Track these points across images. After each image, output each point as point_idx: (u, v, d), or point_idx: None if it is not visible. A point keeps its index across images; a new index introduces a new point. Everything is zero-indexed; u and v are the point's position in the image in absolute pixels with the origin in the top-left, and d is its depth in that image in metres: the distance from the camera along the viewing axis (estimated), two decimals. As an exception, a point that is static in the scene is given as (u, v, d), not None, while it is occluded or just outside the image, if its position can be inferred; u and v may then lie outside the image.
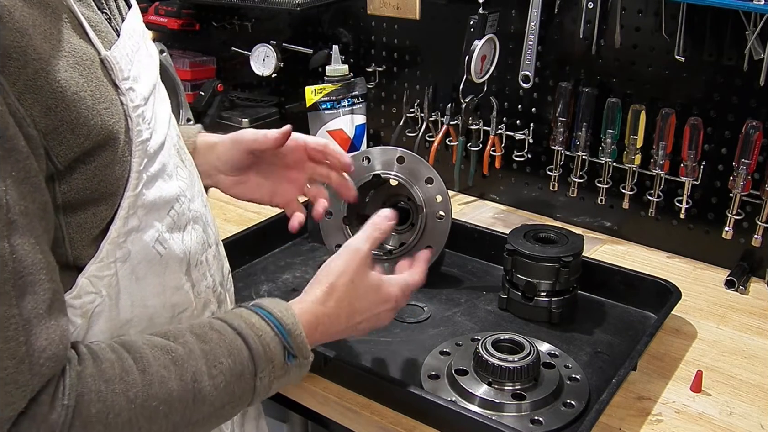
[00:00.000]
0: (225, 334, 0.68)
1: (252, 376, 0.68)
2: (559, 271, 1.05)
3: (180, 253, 0.73)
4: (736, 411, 0.91)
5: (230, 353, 0.67)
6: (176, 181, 0.74)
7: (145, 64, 0.71)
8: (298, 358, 0.72)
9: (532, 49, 1.32)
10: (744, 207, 1.19)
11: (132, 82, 0.66)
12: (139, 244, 0.68)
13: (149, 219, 0.69)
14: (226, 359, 0.66)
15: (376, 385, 0.90)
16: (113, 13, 0.71)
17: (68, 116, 0.58)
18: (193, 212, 0.77)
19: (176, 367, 0.63)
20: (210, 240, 0.82)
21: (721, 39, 1.15)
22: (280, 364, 0.70)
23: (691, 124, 1.19)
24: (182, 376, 0.63)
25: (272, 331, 0.70)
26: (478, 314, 1.11)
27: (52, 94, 0.56)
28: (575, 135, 1.32)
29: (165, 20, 1.84)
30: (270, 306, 0.73)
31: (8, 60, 0.53)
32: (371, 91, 1.61)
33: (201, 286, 0.77)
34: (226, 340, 0.67)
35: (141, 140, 0.66)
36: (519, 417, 0.86)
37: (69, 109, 0.58)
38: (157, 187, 0.70)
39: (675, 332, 1.07)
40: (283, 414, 1.11)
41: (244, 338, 0.68)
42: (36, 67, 0.55)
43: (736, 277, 1.19)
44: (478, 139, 1.49)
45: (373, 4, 1.51)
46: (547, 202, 1.44)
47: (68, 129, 0.58)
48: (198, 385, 0.64)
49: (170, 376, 0.63)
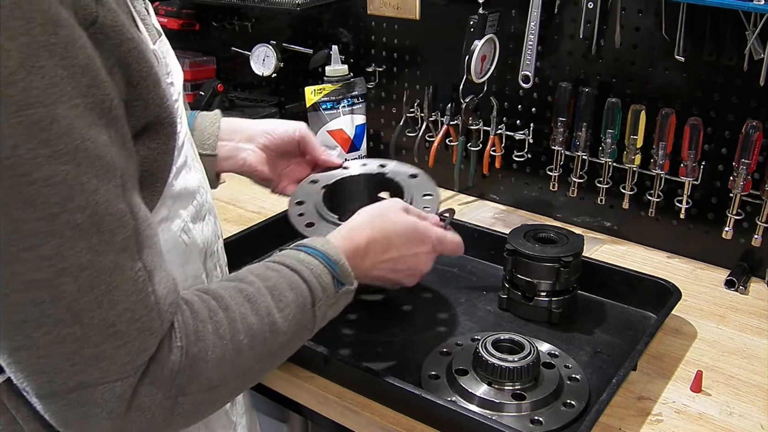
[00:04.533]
0: (282, 272, 0.72)
1: (311, 306, 0.73)
2: (559, 271, 1.05)
3: (201, 243, 0.76)
4: (736, 411, 0.91)
5: (291, 287, 0.71)
6: (195, 172, 0.77)
7: (174, 60, 0.75)
8: (345, 284, 0.77)
9: (532, 49, 1.32)
10: (744, 207, 1.19)
11: (172, 77, 0.71)
12: (168, 233, 0.70)
13: (176, 209, 0.72)
14: (289, 293, 0.71)
15: (376, 385, 0.90)
16: (148, 10, 0.74)
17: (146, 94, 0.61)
18: (208, 204, 0.80)
19: (250, 303, 0.67)
20: (218, 231, 0.85)
21: (721, 39, 1.15)
22: (332, 292, 0.75)
23: (691, 124, 1.19)
24: (258, 311, 0.67)
25: (320, 263, 0.75)
26: (478, 314, 1.11)
27: (138, 72, 0.60)
28: (575, 135, 1.32)
29: (165, 20, 1.84)
30: (312, 243, 0.77)
31: (106, 38, 0.56)
32: (371, 91, 1.61)
33: (213, 276, 0.81)
34: (285, 276, 0.72)
35: (177, 132, 0.69)
36: (519, 417, 0.86)
37: (148, 89, 0.61)
38: (183, 178, 0.73)
39: (675, 332, 1.07)
40: (283, 414, 1.11)
41: (299, 273, 0.73)
42: (129, 47, 0.58)
43: (736, 277, 1.19)
44: (478, 139, 1.49)
45: (373, 4, 1.51)
46: (547, 202, 1.44)
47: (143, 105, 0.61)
48: (271, 317, 0.68)
49: (248, 312, 0.67)
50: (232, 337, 0.64)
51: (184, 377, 0.61)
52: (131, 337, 0.57)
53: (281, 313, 0.69)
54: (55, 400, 0.56)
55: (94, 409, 0.57)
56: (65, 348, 0.55)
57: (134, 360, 0.57)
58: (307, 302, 0.72)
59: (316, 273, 0.74)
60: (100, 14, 0.55)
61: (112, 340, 0.56)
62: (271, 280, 0.70)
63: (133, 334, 0.57)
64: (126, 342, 0.56)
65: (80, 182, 0.52)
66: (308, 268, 0.73)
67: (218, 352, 0.63)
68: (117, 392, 0.57)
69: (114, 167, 0.55)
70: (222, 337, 0.64)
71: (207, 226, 0.79)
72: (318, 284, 0.73)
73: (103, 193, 0.54)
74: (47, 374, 0.55)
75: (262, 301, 0.68)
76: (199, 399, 0.63)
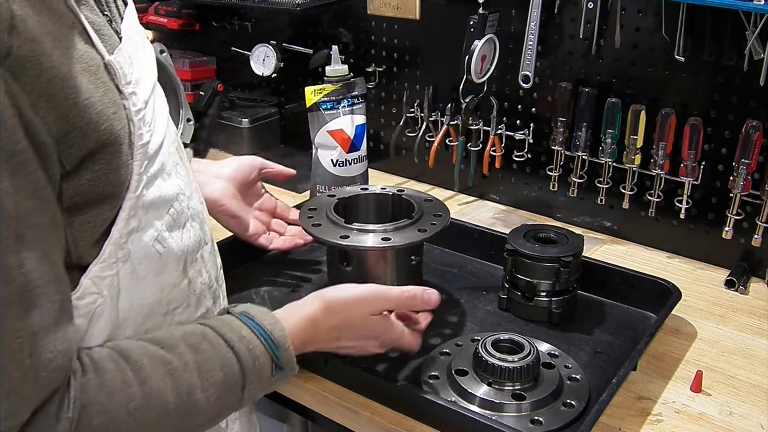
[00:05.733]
0: (218, 347, 0.69)
1: (241, 389, 0.70)
2: (559, 271, 1.05)
3: (178, 251, 0.73)
4: (736, 411, 0.91)
5: (222, 366, 0.68)
6: (175, 179, 0.74)
7: (143, 64, 0.72)
8: (284, 370, 0.73)
9: (532, 49, 1.32)
10: (744, 207, 1.19)
11: (134, 86, 0.67)
12: (138, 244, 0.68)
13: (149, 218, 0.69)
14: (218, 372, 0.68)
15: (376, 385, 0.90)
16: (113, 15, 0.71)
17: (80, 122, 0.58)
18: (192, 209, 0.78)
19: (172, 379, 0.64)
20: (206, 237, 0.82)
21: (721, 39, 1.15)
22: (267, 377, 0.72)
23: (691, 124, 1.19)
24: (178, 389, 0.64)
25: (262, 344, 0.72)
26: (478, 314, 1.11)
27: (65, 101, 0.57)
28: (575, 135, 1.32)
29: (165, 20, 1.84)
30: (261, 318, 0.74)
31: (24, 70, 0.53)
32: (371, 91, 1.61)
33: (197, 283, 0.78)
34: (219, 353, 0.69)
35: (142, 143, 0.66)
36: (519, 417, 0.86)
37: (81, 115, 0.58)
38: (157, 186, 0.70)
39: (675, 332, 1.07)
40: (283, 414, 1.11)
41: (236, 352, 0.70)
42: (50, 75, 0.55)
43: (736, 277, 1.19)
44: (478, 139, 1.49)
45: (373, 4, 1.51)
46: (547, 202, 1.44)
47: (79, 134, 0.58)
48: (192, 397, 0.65)
49: (167, 389, 0.63)
50: (143, 414, 0.61)
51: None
52: (2, 396, 0.53)
53: (205, 393, 0.66)
54: None
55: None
56: None
57: (4, 421, 0.54)
58: (237, 384, 0.69)
59: (254, 355, 0.71)
60: (14, 45, 0.52)
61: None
62: (204, 354, 0.67)
63: (1, 396, 0.53)
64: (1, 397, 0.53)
65: None
66: (247, 347, 0.70)
67: (124, 428, 0.60)
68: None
69: (9, 218, 0.52)
70: (131, 413, 0.60)
71: (188, 233, 0.76)
72: (253, 367, 0.70)
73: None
74: None
75: (186, 379, 0.65)
76: None
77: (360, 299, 0.84)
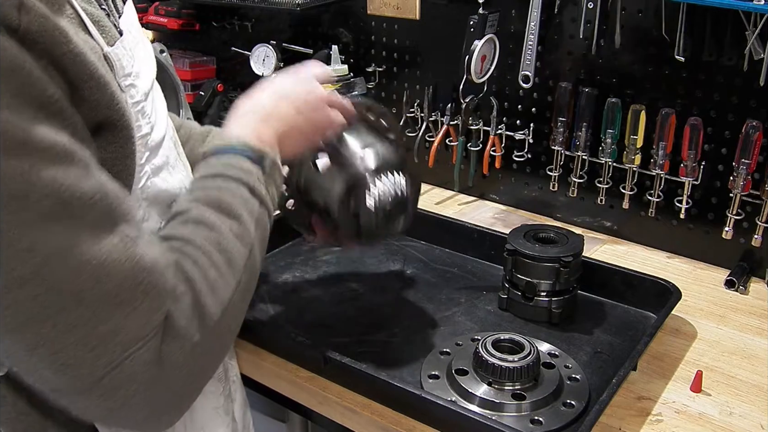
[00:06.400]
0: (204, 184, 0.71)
1: (251, 193, 0.71)
2: (559, 271, 1.05)
3: None
4: (736, 411, 0.91)
5: (222, 191, 0.70)
6: (178, 173, 0.76)
7: (143, 58, 0.73)
8: (265, 157, 0.74)
9: (532, 49, 1.32)
10: (744, 207, 1.19)
11: (133, 78, 0.68)
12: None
13: (151, 211, 0.71)
14: (225, 196, 0.69)
15: (376, 385, 0.90)
16: (111, 9, 0.72)
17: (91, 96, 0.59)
18: None
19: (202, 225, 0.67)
20: None
21: (721, 39, 1.15)
22: (258, 170, 0.73)
23: (691, 124, 1.19)
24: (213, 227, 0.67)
25: (227, 155, 0.73)
26: (478, 314, 1.11)
27: (78, 75, 0.58)
28: (575, 135, 1.32)
29: (165, 20, 1.84)
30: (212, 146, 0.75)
31: (35, 44, 0.54)
32: (371, 91, 1.61)
33: None
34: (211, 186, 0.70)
35: (141, 135, 0.68)
36: (519, 417, 0.86)
37: (92, 90, 0.59)
38: (162, 179, 0.72)
39: (675, 332, 1.07)
40: (283, 414, 1.11)
41: (219, 175, 0.71)
42: (64, 50, 0.57)
43: (736, 277, 1.19)
44: (478, 139, 1.49)
45: (373, 4, 1.51)
46: (547, 202, 1.44)
47: (87, 107, 0.59)
48: (226, 225, 0.67)
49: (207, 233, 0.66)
50: (208, 261, 0.64)
51: (197, 318, 0.61)
52: (139, 301, 0.57)
53: (231, 216, 0.69)
54: (90, 393, 0.56)
55: (130, 387, 0.57)
56: (77, 333, 0.55)
57: (150, 321, 0.57)
58: (245, 193, 0.71)
59: (235, 165, 0.72)
60: (23, 21, 0.54)
61: (120, 311, 0.56)
62: (205, 197, 0.70)
63: (140, 298, 0.57)
64: (135, 308, 0.57)
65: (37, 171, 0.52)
66: (225, 164, 0.72)
67: (208, 280, 0.63)
68: (144, 359, 0.57)
69: (69, 152, 0.55)
70: (202, 266, 0.64)
71: None
72: (242, 172, 0.72)
73: (64, 178, 0.54)
74: (71, 367, 0.55)
75: (210, 217, 0.67)
76: (217, 329, 0.63)
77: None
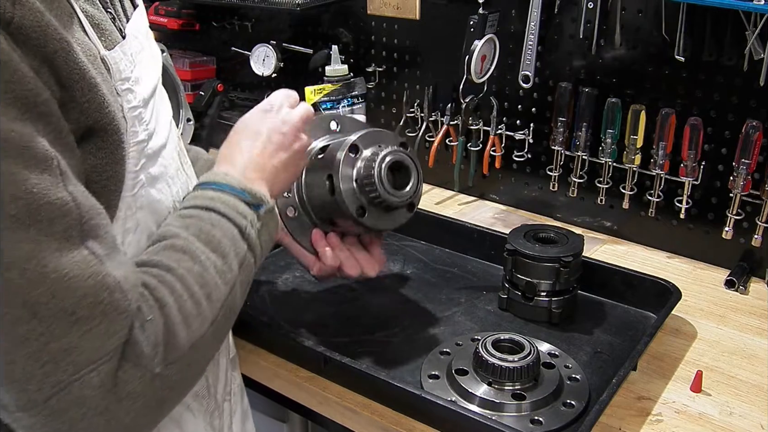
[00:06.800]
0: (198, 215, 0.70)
1: (240, 235, 0.71)
2: (559, 271, 1.05)
3: None
4: (736, 411, 0.91)
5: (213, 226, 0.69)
6: (177, 185, 0.75)
7: (146, 65, 0.72)
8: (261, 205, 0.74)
9: (532, 49, 1.32)
10: (744, 207, 1.19)
11: (132, 84, 0.67)
12: (135, 246, 0.68)
13: (146, 221, 0.69)
14: (214, 231, 0.69)
15: (376, 385, 0.90)
16: (118, 13, 0.71)
17: (81, 97, 0.59)
18: None
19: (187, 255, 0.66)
20: None
21: (721, 39, 1.15)
22: (253, 215, 0.73)
23: (691, 124, 1.19)
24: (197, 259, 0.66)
25: (226, 193, 0.72)
26: (478, 314, 1.11)
27: (69, 74, 0.57)
28: (575, 135, 1.32)
29: (165, 20, 1.84)
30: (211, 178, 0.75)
31: (27, 39, 0.54)
32: (371, 91, 1.61)
33: None
34: (203, 218, 0.70)
35: (136, 141, 0.66)
36: (519, 417, 0.86)
37: (83, 91, 0.59)
38: (158, 189, 0.70)
39: (675, 332, 1.07)
40: (283, 414, 1.11)
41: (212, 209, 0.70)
42: (56, 47, 0.56)
43: (736, 277, 1.19)
44: (478, 139, 1.49)
45: (373, 4, 1.51)
46: (547, 202, 1.44)
47: (78, 109, 0.58)
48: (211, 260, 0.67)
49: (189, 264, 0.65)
50: (186, 292, 0.63)
51: (164, 348, 0.59)
52: (96, 322, 0.54)
53: (217, 252, 0.68)
54: (36, 411, 0.54)
55: (78, 410, 0.54)
56: (29, 347, 0.52)
57: (105, 345, 0.55)
58: (235, 234, 0.70)
59: (231, 204, 0.72)
60: (16, 15, 0.53)
61: (76, 329, 0.54)
62: (195, 227, 0.69)
63: (98, 318, 0.55)
64: (91, 327, 0.54)
65: (9, 173, 0.50)
66: (221, 202, 0.72)
67: (182, 310, 0.62)
68: (95, 383, 0.54)
69: (47, 157, 0.53)
70: (179, 295, 0.62)
71: None
72: (236, 213, 0.71)
73: (36, 183, 0.52)
74: (19, 382, 0.53)
75: (197, 249, 0.66)
76: (184, 363, 0.61)
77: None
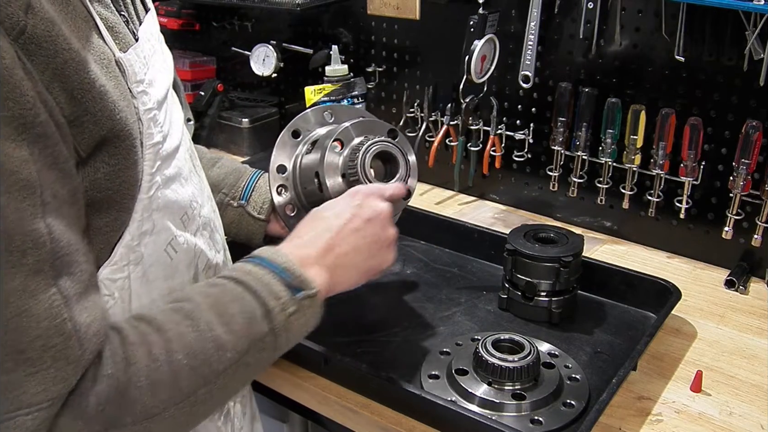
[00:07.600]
0: (225, 285, 0.68)
1: (264, 315, 0.67)
2: (559, 271, 1.05)
3: (189, 258, 0.74)
4: (736, 411, 0.91)
5: (234, 299, 0.67)
6: (190, 186, 0.75)
7: (159, 68, 0.72)
8: (302, 290, 0.71)
9: (532, 49, 1.32)
10: (744, 207, 1.19)
11: (146, 86, 0.67)
12: (151, 247, 0.68)
13: (163, 222, 0.69)
14: (232, 305, 0.66)
15: (376, 385, 0.90)
16: (131, 16, 0.71)
17: (93, 107, 0.58)
18: (203, 218, 0.78)
19: (188, 320, 0.64)
20: (218, 245, 0.82)
21: (721, 39, 1.15)
22: (288, 299, 0.69)
23: (691, 124, 1.19)
24: (197, 327, 0.63)
25: (265, 269, 0.70)
26: (478, 314, 1.11)
27: (80, 84, 0.57)
28: (575, 135, 1.32)
29: (165, 20, 1.84)
30: (259, 252, 0.73)
31: (38, 49, 0.53)
32: (371, 91, 1.61)
33: None
34: (227, 289, 0.68)
35: (152, 143, 0.66)
36: (519, 417, 0.86)
37: (94, 101, 0.58)
38: (173, 190, 0.71)
39: (675, 332, 1.07)
40: (283, 414, 1.11)
41: (244, 284, 0.68)
42: (66, 57, 0.55)
43: (736, 277, 1.19)
44: (478, 139, 1.49)
45: (373, 4, 1.51)
46: (547, 202, 1.44)
47: (92, 120, 0.58)
48: (213, 333, 0.64)
49: (185, 330, 0.63)
50: (167, 357, 0.60)
51: (114, 408, 0.57)
52: (45, 366, 0.53)
53: (226, 327, 0.64)
54: None
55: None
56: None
57: (48, 390, 0.53)
58: (257, 313, 0.67)
59: (264, 281, 0.69)
60: (29, 24, 0.52)
61: (23, 368, 0.52)
62: (213, 296, 0.67)
63: (47, 362, 0.53)
64: (38, 370, 0.53)
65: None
66: (255, 278, 0.69)
67: (153, 376, 0.59)
68: (28, 427, 0.53)
69: (31, 185, 0.52)
70: (156, 359, 0.60)
71: (200, 240, 0.76)
72: (265, 291, 0.68)
73: (14, 211, 0.51)
74: None
75: (202, 317, 0.64)
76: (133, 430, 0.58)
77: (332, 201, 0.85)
